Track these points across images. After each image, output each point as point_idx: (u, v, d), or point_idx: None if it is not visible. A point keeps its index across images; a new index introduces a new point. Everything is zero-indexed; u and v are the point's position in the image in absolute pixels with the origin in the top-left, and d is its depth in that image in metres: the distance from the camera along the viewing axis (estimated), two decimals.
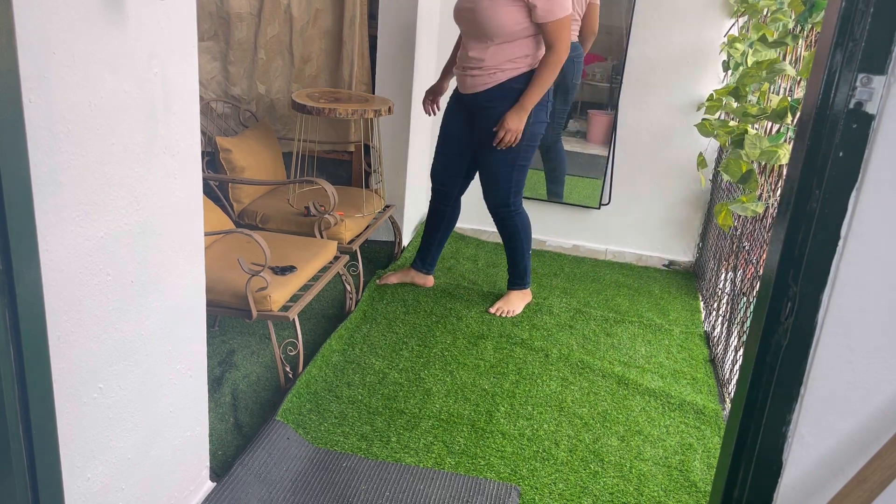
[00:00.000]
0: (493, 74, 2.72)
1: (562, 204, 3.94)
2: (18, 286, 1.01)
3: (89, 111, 1.23)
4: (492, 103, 2.76)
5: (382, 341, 2.82)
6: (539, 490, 2.11)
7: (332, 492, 2.01)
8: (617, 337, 3.05)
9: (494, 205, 3.00)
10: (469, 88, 2.80)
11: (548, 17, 2.60)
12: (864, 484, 1.13)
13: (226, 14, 3.45)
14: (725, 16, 3.48)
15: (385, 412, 2.39)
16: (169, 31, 1.42)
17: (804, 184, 1.12)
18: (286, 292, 2.42)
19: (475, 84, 2.77)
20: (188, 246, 1.63)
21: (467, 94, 2.83)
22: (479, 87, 2.76)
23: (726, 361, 2.78)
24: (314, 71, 3.65)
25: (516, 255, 3.12)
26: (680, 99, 3.65)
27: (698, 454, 2.32)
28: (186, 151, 1.56)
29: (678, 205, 3.83)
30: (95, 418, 1.39)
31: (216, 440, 2.17)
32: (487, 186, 2.97)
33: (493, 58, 2.69)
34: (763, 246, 2.50)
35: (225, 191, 3.10)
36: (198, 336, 1.75)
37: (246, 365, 2.58)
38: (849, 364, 1.16)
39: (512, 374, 2.68)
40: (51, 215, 1.18)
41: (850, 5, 1.04)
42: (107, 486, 1.47)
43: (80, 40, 1.17)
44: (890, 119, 1.05)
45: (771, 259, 1.21)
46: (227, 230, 2.52)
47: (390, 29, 3.44)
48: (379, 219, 3.40)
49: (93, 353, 1.35)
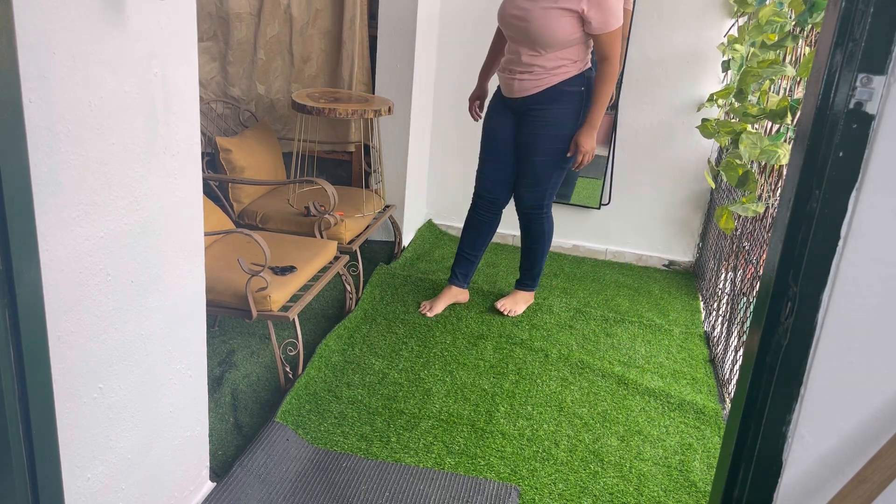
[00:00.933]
0: (544, 78, 2.70)
1: (562, 204, 3.94)
2: (18, 286, 1.01)
3: (89, 111, 1.23)
4: (541, 105, 2.74)
5: (382, 341, 2.82)
6: (539, 490, 2.10)
7: (332, 492, 2.01)
8: (617, 337, 3.05)
9: (529, 206, 2.96)
10: (518, 92, 2.76)
11: (603, 29, 2.57)
12: (864, 484, 1.13)
13: (225, 14, 3.45)
14: (725, 16, 3.48)
15: (385, 412, 2.39)
16: (169, 31, 1.42)
17: (804, 184, 1.12)
18: (286, 292, 2.42)
19: (524, 88, 2.73)
20: (188, 246, 1.63)
21: (515, 98, 2.79)
22: (528, 90, 2.73)
23: (726, 361, 2.78)
24: (314, 71, 3.66)
25: (535, 257, 3.09)
26: (680, 99, 3.65)
27: (698, 454, 2.32)
28: (186, 151, 1.56)
29: (678, 205, 3.83)
30: (95, 418, 1.39)
31: (216, 440, 2.17)
32: (527, 188, 2.92)
33: (545, 64, 2.67)
34: (763, 246, 2.50)
35: (225, 191, 3.10)
36: (198, 336, 1.75)
37: (246, 365, 2.58)
38: (849, 364, 1.16)
39: (512, 374, 2.68)
40: (51, 215, 1.18)
41: (850, 5, 1.04)
42: (107, 486, 1.47)
43: (80, 40, 1.17)
44: (890, 119, 1.05)
45: (771, 259, 1.21)
46: (227, 230, 2.52)
47: (390, 29, 3.44)
48: (379, 219, 3.40)
49: (93, 353, 1.35)
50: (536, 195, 2.92)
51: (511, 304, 3.14)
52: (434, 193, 4.10)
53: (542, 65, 2.67)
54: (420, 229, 4.01)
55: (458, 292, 3.16)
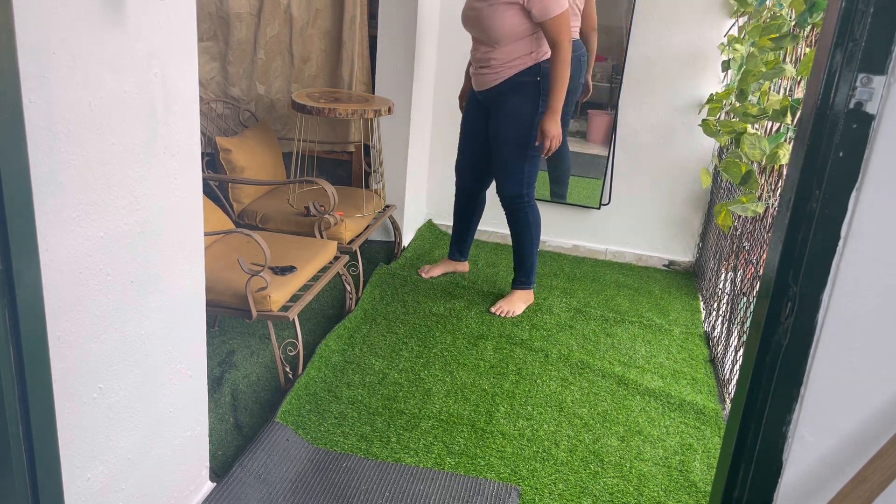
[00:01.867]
0: (501, 71, 2.90)
1: (562, 204, 3.94)
2: (18, 286, 1.01)
3: (89, 111, 1.23)
4: (502, 97, 2.93)
5: (382, 341, 2.82)
6: (539, 490, 2.10)
7: (332, 492, 2.01)
8: (617, 337, 3.05)
9: (509, 196, 3.07)
10: (482, 86, 2.98)
11: (545, 16, 2.73)
12: (864, 484, 1.13)
13: (225, 14, 3.44)
14: (725, 16, 3.48)
15: (385, 412, 2.39)
16: (169, 31, 1.42)
17: (804, 184, 1.12)
18: (286, 292, 2.42)
19: (486, 81, 2.95)
20: (188, 246, 1.63)
21: (481, 92, 3.00)
22: (490, 83, 2.94)
23: (726, 361, 2.78)
24: (314, 71, 3.65)
25: (524, 250, 3.15)
26: (680, 99, 3.65)
27: (698, 454, 2.32)
28: (186, 151, 1.56)
29: (678, 205, 3.83)
30: (95, 418, 1.39)
31: (216, 440, 2.17)
32: (502, 178, 3.07)
33: (500, 57, 2.87)
34: (763, 246, 2.50)
35: (225, 191, 3.10)
36: (198, 336, 1.75)
37: (246, 365, 2.58)
38: (849, 364, 1.16)
39: (512, 374, 2.68)
40: (51, 215, 1.18)
41: (850, 5, 1.04)
42: (107, 486, 1.47)
43: (80, 40, 1.17)
44: (890, 119, 1.05)
45: (771, 259, 1.21)
46: (227, 230, 2.52)
47: (390, 29, 3.44)
48: (379, 219, 3.40)
49: (93, 353, 1.35)
50: (514, 184, 3.04)
51: (507, 304, 3.16)
52: (434, 193, 4.11)
53: (498, 58, 2.87)
54: (420, 229, 4.01)
55: (455, 264, 3.47)
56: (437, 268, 3.44)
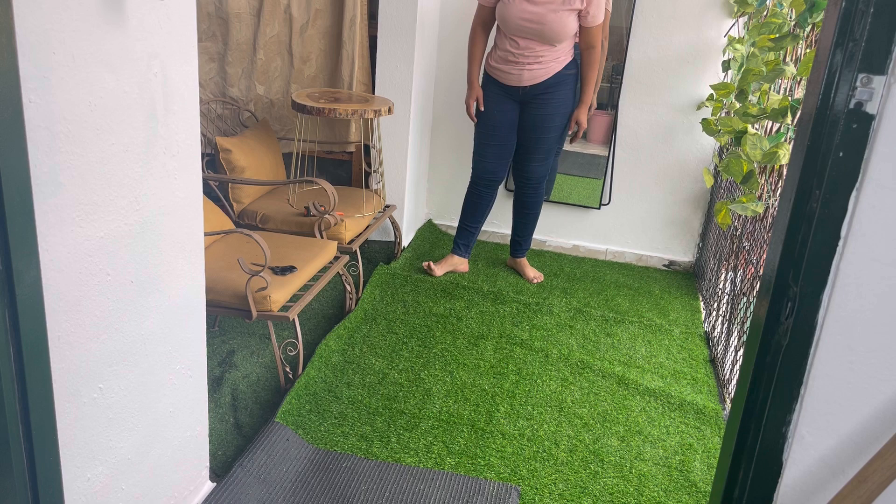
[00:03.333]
0: (551, 66, 3.17)
1: (562, 204, 3.94)
2: (18, 286, 1.01)
3: (89, 111, 1.22)
4: (550, 89, 3.21)
5: (382, 341, 2.82)
6: (539, 490, 2.10)
7: (332, 492, 2.01)
8: (617, 337, 3.05)
9: (539, 178, 3.40)
10: (528, 81, 3.18)
11: (594, 22, 3.08)
12: (864, 484, 1.13)
13: (224, 14, 3.44)
14: (725, 16, 3.48)
15: (385, 412, 2.39)
16: (169, 31, 1.42)
17: (804, 184, 1.12)
18: (286, 292, 2.42)
19: (535, 76, 3.17)
20: (188, 246, 1.63)
21: (524, 87, 3.19)
22: (539, 78, 3.17)
23: (726, 361, 2.78)
24: (313, 71, 3.65)
25: (534, 224, 3.55)
26: (680, 99, 3.65)
27: (698, 454, 2.32)
28: (186, 151, 1.56)
29: (678, 205, 3.83)
30: (95, 418, 1.39)
31: (216, 441, 2.17)
32: (538, 162, 3.36)
33: (553, 54, 3.15)
34: (763, 246, 2.50)
35: (225, 191, 3.10)
36: (197, 336, 1.75)
37: (246, 365, 2.58)
38: (849, 364, 1.16)
39: (512, 374, 2.68)
40: (51, 215, 1.18)
41: (850, 5, 1.04)
42: (107, 486, 1.47)
43: (80, 40, 1.17)
44: (890, 119, 1.05)
45: (771, 259, 1.21)
46: (227, 230, 2.52)
47: (390, 29, 3.43)
48: (379, 219, 3.40)
49: (93, 353, 1.35)
50: (545, 168, 3.39)
51: (533, 272, 3.58)
52: (434, 193, 4.11)
53: (550, 55, 3.14)
54: (420, 229, 4.01)
55: (459, 261, 3.55)
56: (442, 266, 3.50)
